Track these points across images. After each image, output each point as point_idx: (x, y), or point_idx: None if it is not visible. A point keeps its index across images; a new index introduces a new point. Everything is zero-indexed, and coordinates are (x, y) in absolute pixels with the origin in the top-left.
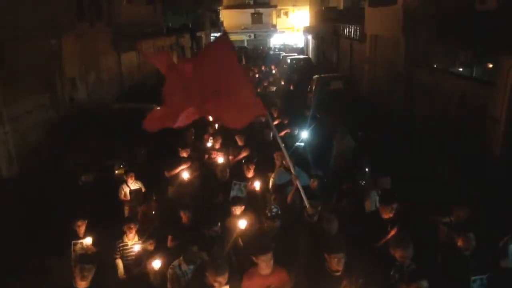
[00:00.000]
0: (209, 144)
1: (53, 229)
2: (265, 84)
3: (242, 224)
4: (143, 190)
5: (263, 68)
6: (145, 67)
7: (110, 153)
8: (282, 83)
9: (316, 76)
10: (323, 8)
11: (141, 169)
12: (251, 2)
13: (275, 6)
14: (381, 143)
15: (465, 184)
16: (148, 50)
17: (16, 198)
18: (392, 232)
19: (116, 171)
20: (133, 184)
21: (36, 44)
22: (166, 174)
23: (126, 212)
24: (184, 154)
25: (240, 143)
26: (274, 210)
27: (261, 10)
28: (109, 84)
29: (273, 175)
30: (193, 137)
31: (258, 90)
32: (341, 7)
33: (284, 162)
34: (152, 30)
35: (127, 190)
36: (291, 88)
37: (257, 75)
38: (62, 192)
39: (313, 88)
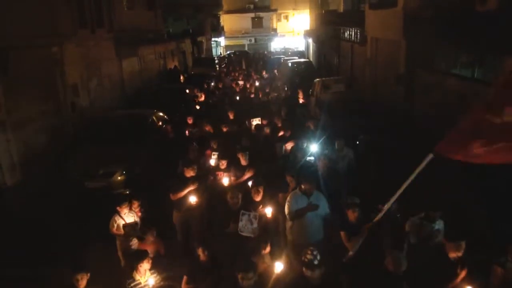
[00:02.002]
0: (212, 162)
1: (56, 236)
2: (267, 90)
3: (279, 267)
4: (139, 223)
5: (263, 73)
6: (146, 72)
7: (112, 159)
8: (286, 89)
9: (318, 79)
10: (323, 11)
11: (142, 177)
12: (251, 7)
13: (275, 10)
14: (382, 146)
15: (468, 188)
16: (150, 56)
17: (18, 206)
18: (463, 274)
19: (119, 178)
20: (128, 215)
21: (38, 52)
22: (172, 197)
23: (118, 247)
24: (191, 173)
25: (243, 162)
26: (311, 256)
27: (261, 14)
28: (111, 90)
29: (288, 199)
30: (196, 153)
31: (260, 96)
32: (341, 10)
33: (303, 185)
34: (153, 35)
35: (120, 222)
36: (300, 97)
37: (257, 83)
38: (65, 199)
39: (315, 91)
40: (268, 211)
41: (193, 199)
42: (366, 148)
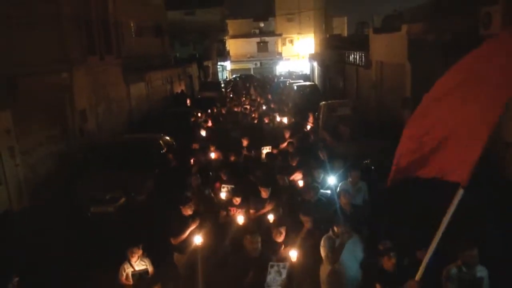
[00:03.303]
0: (223, 196)
1: (62, 262)
2: (273, 114)
3: None
4: (150, 271)
5: (269, 97)
6: (153, 97)
7: (118, 184)
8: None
9: (323, 102)
10: (328, 35)
11: (148, 203)
12: (257, 31)
13: (280, 35)
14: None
15: (479, 210)
16: (157, 80)
17: (25, 230)
18: None
19: (125, 203)
20: (138, 263)
21: (48, 78)
22: (173, 241)
23: None
24: (189, 211)
25: (264, 195)
26: None
27: (266, 38)
28: (119, 115)
29: (322, 244)
30: (199, 184)
31: (266, 121)
32: (345, 35)
33: (336, 227)
34: (160, 61)
35: (129, 271)
36: (310, 121)
37: (264, 106)
38: (71, 224)
39: (321, 114)
40: (293, 254)
41: (198, 239)
42: (373, 173)
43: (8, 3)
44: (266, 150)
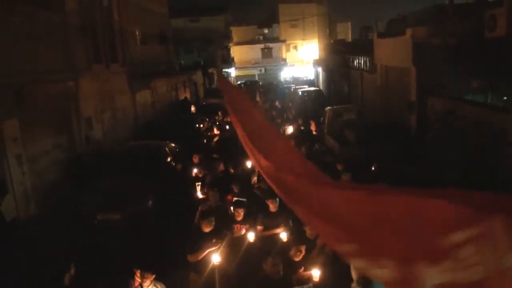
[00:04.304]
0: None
1: (69, 271)
2: (279, 121)
3: None
4: None
5: (276, 103)
6: (159, 104)
7: (124, 192)
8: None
9: (329, 107)
10: (332, 41)
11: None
12: (261, 38)
13: (284, 41)
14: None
15: None
16: (162, 88)
17: (32, 239)
18: None
19: (131, 210)
20: None
21: (54, 86)
22: (189, 258)
23: None
24: (208, 228)
25: (272, 208)
26: None
27: (270, 45)
28: (124, 123)
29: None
30: (217, 199)
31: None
32: (350, 40)
33: None
34: (165, 68)
35: None
36: (313, 129)
37: (273, 112)
38: (77, 231)
39: (326, 119)
40: (316, 273)
41: (216, 259)
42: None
43: (14, 12)
44: None
